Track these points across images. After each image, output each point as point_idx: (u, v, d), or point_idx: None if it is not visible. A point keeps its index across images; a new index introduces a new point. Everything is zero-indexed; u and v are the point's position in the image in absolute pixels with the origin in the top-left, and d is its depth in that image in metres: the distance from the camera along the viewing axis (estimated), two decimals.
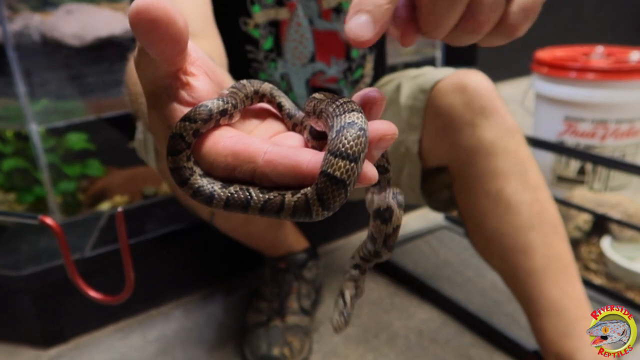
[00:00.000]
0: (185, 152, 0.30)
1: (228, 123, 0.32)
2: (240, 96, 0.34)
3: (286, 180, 0.28)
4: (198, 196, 0.29)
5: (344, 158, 0.25)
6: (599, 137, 1.46)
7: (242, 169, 0.28)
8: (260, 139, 0.30)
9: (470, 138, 0.80)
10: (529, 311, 0.76)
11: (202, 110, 0.30)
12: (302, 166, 0.27)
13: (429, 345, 0.99)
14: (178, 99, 0.31)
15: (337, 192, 0.26)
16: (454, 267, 1.27)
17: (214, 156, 0.29)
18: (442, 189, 0.91)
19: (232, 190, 0.29)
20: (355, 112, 0.27)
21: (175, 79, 0.31)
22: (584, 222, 1.20)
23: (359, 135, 0.26)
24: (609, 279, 1.13)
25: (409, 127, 0.89)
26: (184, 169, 0.29)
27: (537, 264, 0.74)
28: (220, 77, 0.35)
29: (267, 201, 0.28)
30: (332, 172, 0.25)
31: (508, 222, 0.77)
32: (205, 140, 0.30)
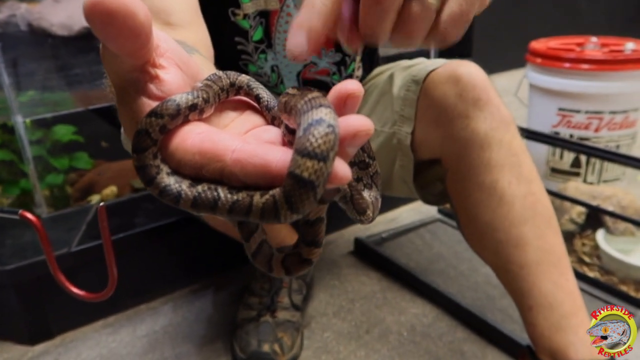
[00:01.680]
0: (152, 150, 0.28)
1: (199, 118, 0.30)
2: (215, 89, 0.32)
3: (255, 180, 0.26)
4: (164, 196, 0.28)
5: (311, 157, 0.24)
6: (593, 128, 1.45)
7: (209, 167, 0.27)
8: (230, 136, 0.28)
9: (463, 130, 0.78)
10: (521, 305, 0.75)
11: (169, 105, 0.28)
12: (271, 165, 0.25)
13: (421, 340, 0.98)
14: (146, 93, 0.29)
15: (305, 194, 0.24)
16: (447, 261, 1.26)
17: (182, 154, 0.28)
18: (435, 182, 0.90)
19: (200, 189, 0.27)
20: (323, 108, 0.25)
21: (142, 72, 0.29)
22: (578, 215, 1.19)
23: (327, 132, 0.24)
24: (603, 272, 1.12)
25: (401, 118, 0.87)
26: (150, 167, 0.28)
27: (530, 258, 0.73)
28: (195, 69, 0.33)
29: (235, 202, 0.27)
30: (299, 173, 0.24)
31: (501, 215, 0.76)
32: (172, 136, 0.29)
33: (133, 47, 0.27)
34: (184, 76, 0.31)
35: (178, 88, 0.30)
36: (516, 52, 2.79)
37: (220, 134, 0.28)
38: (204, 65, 0.45)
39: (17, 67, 1.38)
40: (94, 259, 1.00)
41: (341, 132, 0.25)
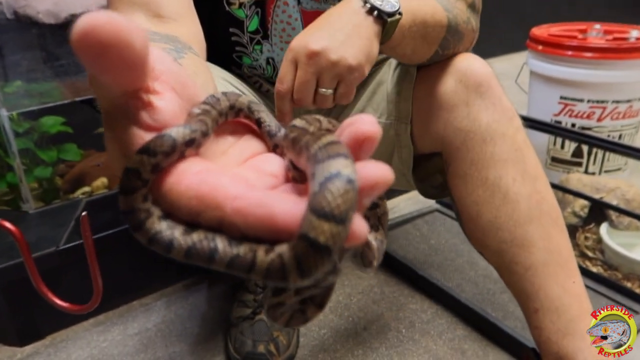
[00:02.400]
0: (142, 191, 0.25)
1: (196, 153, 0.27)
2: (213, 115, 0.29)
3: (258, 233, 0.23)
4: (154, 244, 0.24)
5: (328, 219, 0.21)
6: (596, 117, 1.42)
7: (207, 215, 0.24)
8: (231, 179, 0.25)
9: (464, 119, 0.75)
10: (526, 307, 0.72)
11: (164, 141, 0.25)
12: (278, 219, 0.22)
13: (420, 338, 0.96)
14: (138, 122, 0.26)
15: (320, 260, 0.21)
16: (446, 253, 1.23)
17: (176, 197, 0.25)
18: (435, 174, 0.86)
19: (195, 238, 0.24)
20: (341, 159, 0.22)
21: (134, 98, 0.26)
22: (581, 208, 1.16)
23: (347, 190, 0.21)
24: (606, 267, 1.10)
25: (397, 108, 0.84)
26: (139, 211, 0.24)
27: (536, 259, 0.70)
28: (192, 91, 0.29)
29: (236, 257, 0.23)
30: (315, 236, 0.21)
31: (505, 213, 0.73)
32: (166, 176, 0.25)
33: (127, 79, 0.24)
34: (181, 102, 0.28)
35: (173, 116, 0.26)
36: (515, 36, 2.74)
37: (220, 177, 0.25)
38: (198, 69, 0.42)
39: (3, 57, 1.33)
40: (82, 257, 0.96)
41: (359, 183, 0.22)
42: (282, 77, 0.65)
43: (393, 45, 0.70)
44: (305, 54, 0.62)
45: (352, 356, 0.92)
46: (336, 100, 0.67)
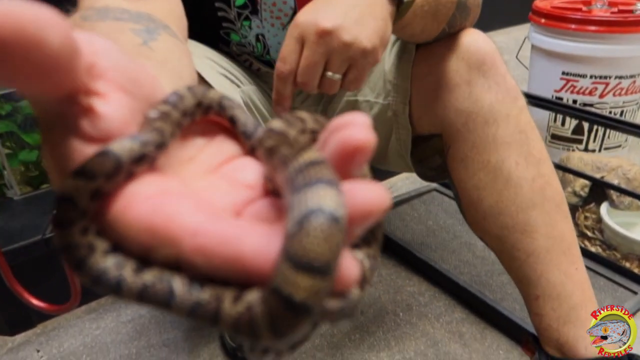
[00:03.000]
0: (80, 224, 0.20)
1: (150, 169, 0.23)
2: (174, 118, 0.24)
3: (224, 274, 0.19)
4: (100, 285, 0.20)
5: (307, 271, 0.17)
6: (598, 94, 1.38)
7: (161, 252, 0.20)
8: (190, 207, 0.20)
9: (466, 99, 0.72)
10: (527, 294, 0.71)
11: (104, 160, 0.20)
12: (247, 261, 0.18)
13: (417, 321, 0.94)
14: (77, 133, 0.21)
15: (296, 320, 0.17)
16: (444, 234, 1.21)
17: (123, 229, 0.20)
18: (434, 155, 0.83)
19: (149, 279, 0.20)
20: (324, 187, 0.18)
21: (71, 103, 0.21)
22: (581, 187, 1.14)
23: (331, 231, 0.17)
24: (605, 247, 1.08)
25: (395, 88, 0.80)
26: (78, 247, 0.20)
27: (539, 245, 0.68)
28: (148, 89, 0.24)
29: (197, 306, 0.19)
30: (289, 293, 0.17)
31: (508, 198, 0.70)
32: (110, 203, 0.21)
33: (47, 86, 0.19)
34: (133, 104, 0.23)
35: (122, 124, 0.22)
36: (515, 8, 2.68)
37: (178, 203, 0.20)
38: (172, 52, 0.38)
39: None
40: None
41: (348, 211, 0.18)
42: (284, 56, 0.59)
43: (403, 25, 0.65)
44: (315, 31, 0.56)
45: (349, 340, 0.91)
46: (344, 86, 0.60)
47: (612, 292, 0.98)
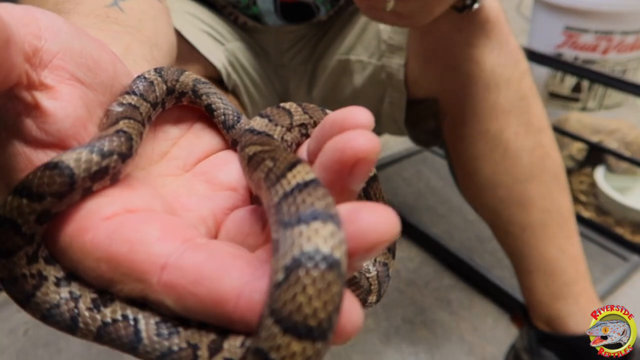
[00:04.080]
0: (25, 251, 0.17)
1: (112, 184, 0.19)
2: (143, 111, 0.20)
3: (201, 317, 0.16)
4: (51, 322, 0.17)
5: (300, 336, 0.13)
6: (601, 50, 1.32)
7: (125, 287, 0.17)
8: (159, 229, 0.17)
9: (466, 61, 0.67)
10: (520, 268, 0.69)
11: (55, 175, 0.16)
12: (226, 302, 0.15)
13: (406, 288, 0.93)
14: (21, 136, 0.17)
15: None
16: (435, 196, 1.19)
17: (79, 256, 0.17)
18: (428, 118, 0.79)
19: (109, 316, 0.17)
20: (318, 222, 0.15)
21: (12, 99, 0.17)
22: (578, 151, 1.11)
23: (328, 282, 0.14)
24: (599, 212, 1.06)
25: (390, 49, 0.74)
26: (23, 279, 0.17)
27: (534, 219, 0.66)
28: (109, 73, 0.20)
29: (168, 354, 0.16)
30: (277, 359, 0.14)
31: (505, 169, 0.67)
32: (63, 223, 0.17)
33: None
34: (89, 95, 0.19)
35: (77, 123, 0.18)
36: None
37: (143, 228, 0.17)
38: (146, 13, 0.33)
39: None
40: None
41: (349, 243, 0.15)
42: None
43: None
44: None
45: None
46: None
47: (602, 260, 0.98)
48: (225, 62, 0.71)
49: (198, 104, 0.24)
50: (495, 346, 0.82)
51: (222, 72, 0.70)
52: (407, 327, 0.86)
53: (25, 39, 0.17)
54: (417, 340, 0.83)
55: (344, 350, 0.82)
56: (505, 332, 0.83)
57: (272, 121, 0.22)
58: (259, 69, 0.78)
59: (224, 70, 0.71)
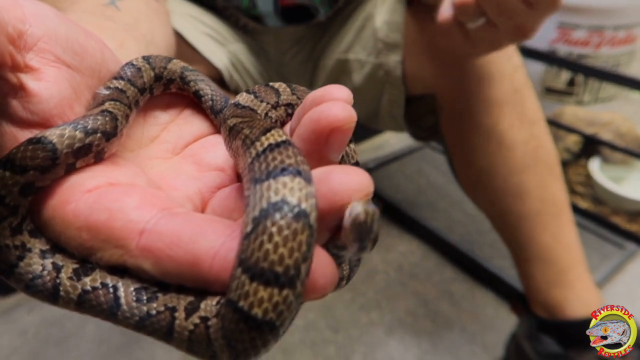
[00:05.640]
0: (9, 222, 0.18)
1: (96, 162, 0.20)
2: (130, 96, 0.21)
3: (179, 280, 0.17)
4: (33, 290, 0.18)
5: (267, 282, 0.14)
6: (594, 45, 1.34)
7: (105, 254, 0.17)
8: (137, 199, 0.18)
9: (460, 59, 0.69)
10: (517, 257, 0.71)
11: (38, 149, 0.17)
12: (203, 265, 0.16)
13: (408, 281, 0.95)
14: (7, 117, 0.18)
15: (260, 339, 0.15)
16: (436, 192, 1.21)
17: (61, 226, 0.18)
18: (426, 115, 0.81)
19: (89, 284, 0.18)
20: (287, 176, 0.15)
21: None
22: (574, 144, 1.13)
23: (296, 230, 0.14)
24: (595, 203, 1.08)
25: (386, 47, 0.76)
26: (7, 249, 0.18)
27: (530, 208, 0.68)
28: (96, 59, 0.21)
29: (147, 318, 0.17)
30: (247, 308, 0.14)
31: (500, 161, 0.69)
32: (47, 196, 0.18)
33: None
34: (75, 78, 0.20)
35: (62, 104, 0.19)
36: None
37: (122, 197, 0.18)
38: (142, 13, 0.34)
39: None
40: None
41: (321, 202, 0.16)
42: None
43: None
44: None
45: (341, 301, 0.92)
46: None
47: (599, 248, 1.00)
48: (227, 63, 0.73)
49: (186, 90, 0.25)
50: (496, 335, 0.84)
51: (224, 73, 0.73)
52: (410, 319, 0.88)
53: (9, 22, 0.18)
54: (420, 331, 0.85)
55: (349, 342, 0.84)
56: (506, 320, 0.85)
57: (258, 97, 0.23)
58: (260, 69, 0.80)
59: (226, 71, 0.73)
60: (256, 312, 0.14)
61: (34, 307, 0.94)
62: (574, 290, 0.65)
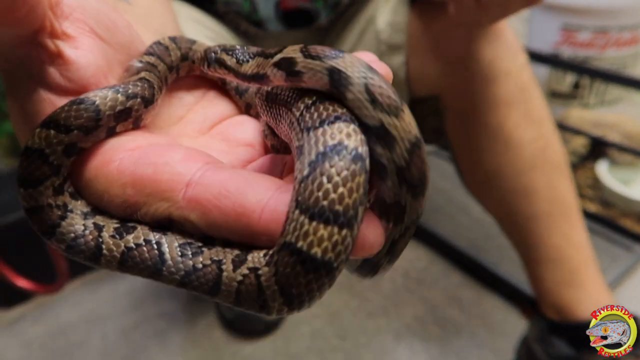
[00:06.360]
0: (52, 181, 0.18)
1: (134, 128, 0.20)
2: (161, 70, 0.21)
3: (225, 233, 0.16)
4: (74, 252, 0.18)
5: (327, 221, 0.14)
6: (599, 47, 1.34)
7: (150, 209, 0.17)
8: (183, 154, 0.17)
9: (466, 55, 0.68)
10: (526, 258, 0.70)
11: (82, 110, 0.17)
12: (252, 215, 0.16)
13: (415, 287, 0.94)
14: (45, 83, 0.18)
15: (316, 282, 0.14)
16: (440, 198, 1.20)
17: (104, 185, 0.18)
18: (429, 116, 0.81)
19: (132, 242, 0.17)
20: (342, 122, 0.15)
21: (36, 46, 0.18)
22: (582, 146, 1.12)
23: (354, 171, 0.14)
24: (604, 206, 1.07)
25: (390, 49, 0.76)
26: (49, 209, 0.17)
27: (539, 208, 0.66)
28: (126, 36, 0.21)
29: (192, 272, 0.17)
30: (306, 248, 0.14)
31: (508, 161, 0.68)
32: (89, 157, 0.18)
33: (11, 17, 0.16)
34: (107, 50, 0.20)
35: (98, 72, 0.19)
36: None
37: (168, 152, 0.18)
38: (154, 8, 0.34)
39: None
40: None
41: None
42: None
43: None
44: None
45: (347, 308, 0.91)
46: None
47: (608, 251, 0.98)
48: None
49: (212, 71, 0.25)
50: (505, 340, 0.82)
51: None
52: (418, 325, 0.86)
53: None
54: (428, 337, 0.84)
55: (357, 349, 0.82)
56: (515, 325, 0.83)
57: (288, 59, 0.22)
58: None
59: None
60: (315, 252, 0.14)
61: (38, 319, 0.93)
62: (585, 291, 0.64)
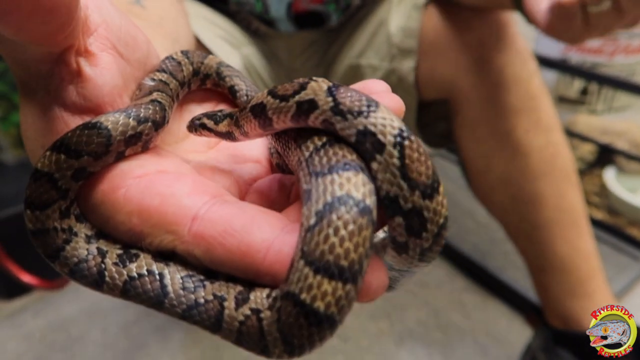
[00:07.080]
0: (59, 205, 0.18)
1: (143, 152, 0.19)
2: (172, 88, 0.21)
3: (228, 269, 0.16)
4: (77, 275, 0.18)
5: (332, 276, 0.14)
6: (608, 53, 1.33)
7: (155, 240, 0.17)
8: (188, 187, 0.17)
9: (476, 61, 0.68)
10: (533, 266, 0.69)
11: (93, 135, 0.17)
12: (256, 254, 0.15)
13: (419, 291, 0.94)
14: (61, 101, 0.18)
15: (318, 334, 0.15)
16: (447, 200, 1.19)
17: (111, 211, 0.18)
18: (438, 120, 0.80)
19: (135, 271, 0.17)
20: (351, 171, 0.15)
21: (59, 63, 0.18)
22: (589, 153, 1.11)
23: (361, 225, 0.14)
24: (611, 214, 1.06)
25: (401, 53, 0.76)
26: (54, 232, 0.17)
27: (546, 216, 0.66)
28: (144, 50, 0.21)
29: (194, 306, 0.17)
30: (310, 301, 0.14)
31: (516, 167, 0.67)
32: (96, 182, 0.18)
33: (45, 30, 0.16)
34: (125, 68, 0.20)
35: (112, 91, 0.19)
36: None
37: (174, 183, 0.17)
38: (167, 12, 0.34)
39: None
40: None
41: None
42: None
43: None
44: None
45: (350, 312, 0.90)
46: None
47: (615, 260, 0.97)
48: (240, 66, 0.73)
49: (221, 85, 0.25)
50: (509, 347, 0.82)
51: None
52: (420, 330, 0.86)
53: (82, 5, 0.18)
54: (431, 342, 0.83)
55: (358, 351, 0.82)
56: (520, 333, 0.83)
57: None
58: (272, 73, 0.79)
59: None
60: (318, 306, 0.14)
61: (39, 311, 0.93)
62: (592, 301, 0.63)
